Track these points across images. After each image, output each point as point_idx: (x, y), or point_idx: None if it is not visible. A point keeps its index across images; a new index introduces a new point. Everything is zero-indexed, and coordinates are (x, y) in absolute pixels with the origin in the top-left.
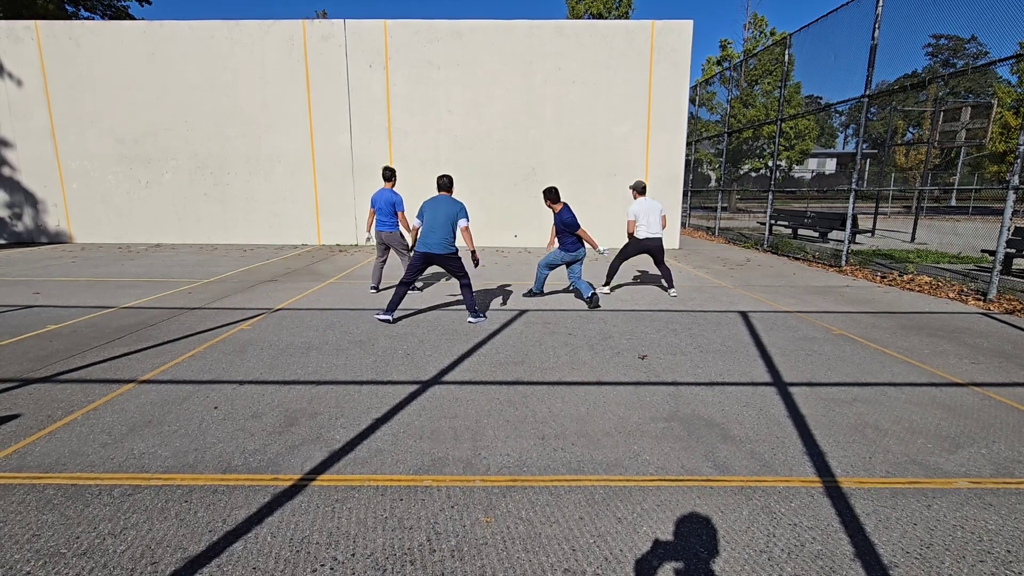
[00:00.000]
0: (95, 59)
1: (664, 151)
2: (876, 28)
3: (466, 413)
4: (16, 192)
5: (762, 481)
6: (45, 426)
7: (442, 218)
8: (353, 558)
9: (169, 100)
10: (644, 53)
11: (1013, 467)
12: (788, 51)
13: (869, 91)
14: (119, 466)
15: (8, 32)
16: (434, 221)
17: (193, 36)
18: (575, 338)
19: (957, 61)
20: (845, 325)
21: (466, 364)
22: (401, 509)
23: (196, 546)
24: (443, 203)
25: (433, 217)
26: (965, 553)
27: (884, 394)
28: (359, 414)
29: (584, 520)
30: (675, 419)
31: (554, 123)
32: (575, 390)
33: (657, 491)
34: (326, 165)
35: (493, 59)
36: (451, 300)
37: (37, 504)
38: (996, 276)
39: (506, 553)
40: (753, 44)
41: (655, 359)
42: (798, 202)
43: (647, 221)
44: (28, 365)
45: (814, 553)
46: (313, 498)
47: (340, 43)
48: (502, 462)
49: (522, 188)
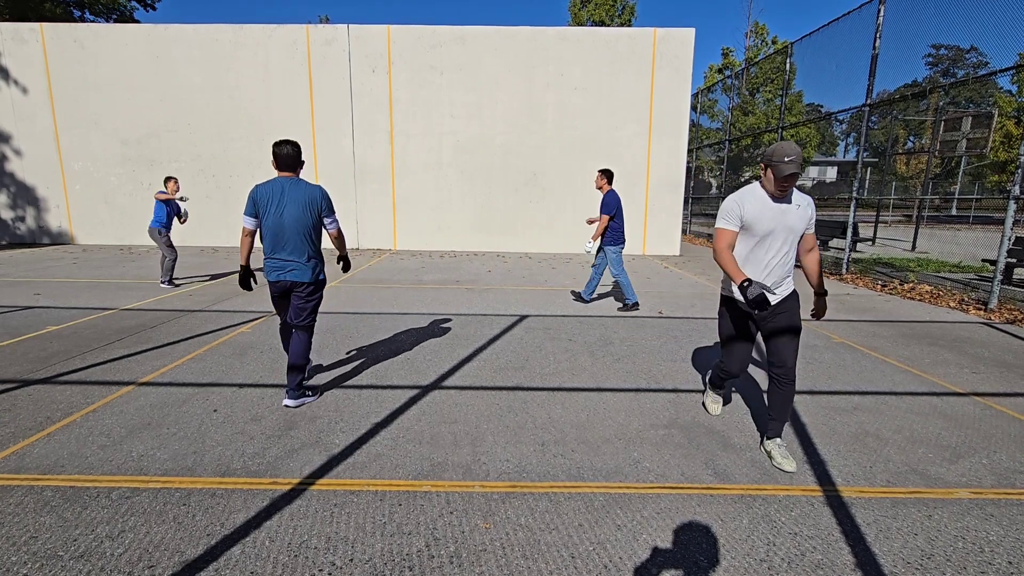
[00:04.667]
0: (99, 61)
1: (666, 158)
2: (877, 38)
3: (466, 418)
4: (19, 193)
5: (762, 489)
6: (44, 428)
7: (293, 218)
8: (351, 563)
9: (172, 102)
10: (646, 60)
11: (1014, 477)
12: (789, 60)
13: (870, 100)
14: (117, 468)
15: (13, 34)
16: (279, 224)
17: (197, 39)
18: (575, 344)
19: (958, 71)
20: (846, 333)
21: (466, 369)
22: (400, 514)
23: (194, 550)
24: (291, 192)
25: (278, 218)
26: (966, 564)
27: (885, 403)
28: (358, 418)
29: (584, 527)
30: (675, 426)
31: (556, 128)
32: (575, 396)
33: (657, 499)
34: (328, 168)
35: (496, 64)
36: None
37: (35, 506)
38: (997, 286)
39: (505, 560)
40: (755, 52)
41: (655, 367)
42: None
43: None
44: (28, 366)
45: (814, 563)
46: (312, 502)
47: (343, 47)
48: (502, 468)
49: (523, 193)
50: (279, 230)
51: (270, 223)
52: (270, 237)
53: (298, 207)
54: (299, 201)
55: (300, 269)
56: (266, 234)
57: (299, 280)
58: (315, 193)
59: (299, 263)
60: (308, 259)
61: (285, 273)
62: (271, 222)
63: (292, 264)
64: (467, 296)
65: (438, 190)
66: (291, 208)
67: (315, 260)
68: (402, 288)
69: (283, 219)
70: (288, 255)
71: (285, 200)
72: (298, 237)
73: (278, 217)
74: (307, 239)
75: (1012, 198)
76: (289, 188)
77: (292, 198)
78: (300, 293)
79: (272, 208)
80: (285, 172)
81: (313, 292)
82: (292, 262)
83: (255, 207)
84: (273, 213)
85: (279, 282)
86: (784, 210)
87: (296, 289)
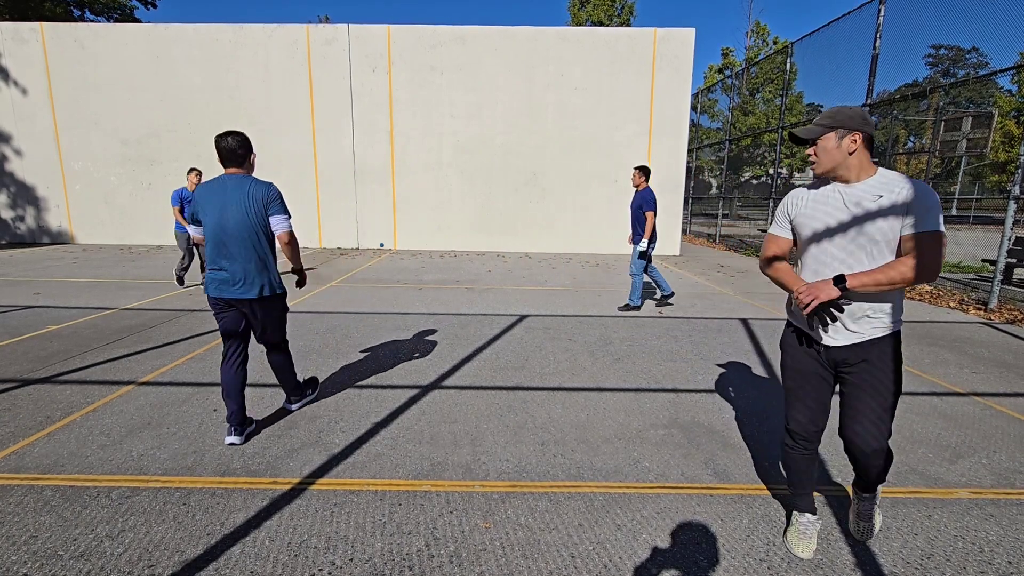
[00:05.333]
0: (100, 61)
1: (666, 157)
2: (877, 38)
3: (466, 418)
4: (19, 193)
5: (762, 489)
6: (44, 427)
7: (235, 221)
8: (351, 563)
9: (172, 102)
10: (646, 60)
11: (1014, 477)
12: (790, 59)
13: (870, 100)
14: (117, 468)
15: (14, 34)
16: (220, 229)
17: (197, 39)
18: (575, 344)
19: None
20: None
21: (466, 369)
22: (400, 514)
23: (194, 549)
24: (234, 191)
25: (220, 223)
26: (966, 564)
27: None
28: (359, 418)
29: (583, 527)
30: (675, 426)
31: (556, 128)
32: (575, 396)
33: (657, 498)
34: (328, 168)
35: (496, 64)
36: (454, 307)
37: (35, 505)
38: (997, 286)
39: (505, 559)
40: (755, 52)
41: (655, 366)
42: None
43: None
44: (28, 366)
45: (814, 562)
46: (312, 502)
47: (344, 47)
48: (501, 468)
49: (523, 193)
50: (220, 235)
51: (210, 228)
52: (210, 244)
53: (241, 208)
54: (242, 201)
55: (244, 283)
56: (207, 241)
57: (243, 297)
58: (260, 190)
59: (243, 276)
60: (255, 270)
61: (227, 288)
62: (211, 226)
63: (235, 276)
64: (467, 296)
65: (438, 190)
66: (234, 210)
67: (264, 271)
68: (402, 288)
69: (224, 222)
70: (230, 265)
71: (228, 200)
72: (242, 244)
73: (219, 220)
74: (253, 246)
75: (1012, 198)
76: (233, 187)
77: (235, 198)
78: (252, 311)
79: (213, 210)
80: (231, 168)
81: (269, 308)
82: (235, 274)
83: (196, 211)
84: (213, 216)
85: (219, 299)
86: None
87: (243, 307)
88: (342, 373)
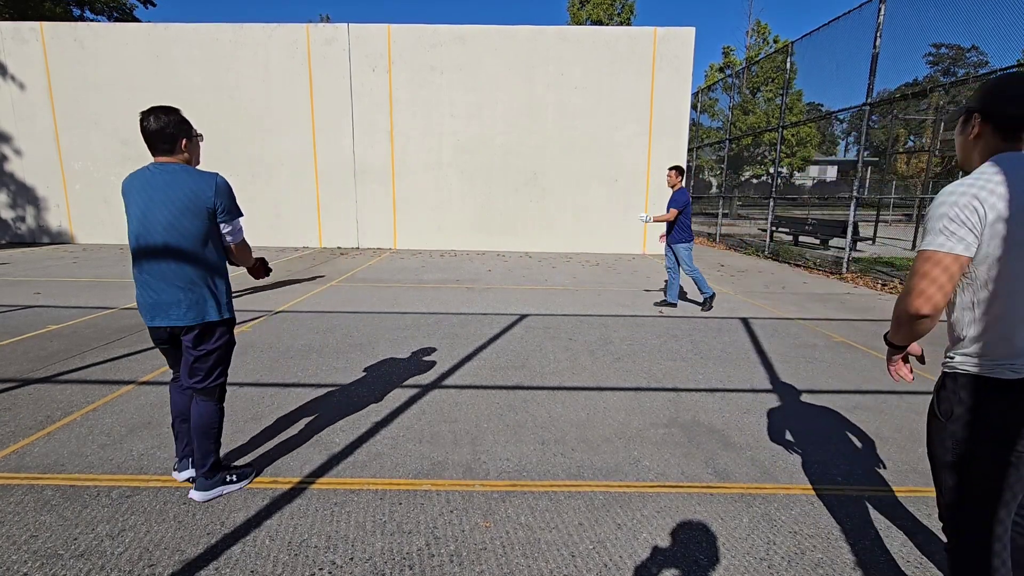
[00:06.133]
0: (99, 61)
1: (666, 157)
2: (877, 37)
3: (466, 417)
4: (19, 192)
5: (762, 488)
6: (44, 427)
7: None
8: (351, 562)
9: (172, 102)
10: (646, 59)
11: None
12: (790, 59)
13: (871, 99)
14: (118, 467)
15: (14, 33)
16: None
17: (197, 38)
18: (575, 343)
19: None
20: (846, 333)
21: (466, 368)
22: (400, 513)
23: (194, 549)
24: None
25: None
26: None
27: (885, 402)
28: (359, 417)
29: (584, 526)
30: (675, 425)
31: (556, 128)
32: (575, 395)
33: (657, 497)
34: (328, 168)
35: (496, 64)
36: (458, 309)
37: (35, 505)
38: None
39: (505, 559)
40: (755, 51)
41: (655, 366)
42: (799, 209)
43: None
44: (28, 365)
45: (815, 561)
46: (312, 501)
47: (344, 47)
48: (502, 467)
49: (523, 193)
50: (145, 245)
51: (133, 235)
52: (134, 255)
53: (172, 208)
54: (174, 199)
55: (178, 306)
56: (131, 249)
57: (176, 324)
58: (202, 186)
59: (176, 296)
60: (191, 289)
61: (157, 314)
62: (134, 233)
63: (164, 297)
64: (467, 295)
65: (438, 190)
66: (161, 210)
67: (205, 290)
68: (402, 287)
69: (149, 228)
70: (158, 283)
71: (153, 199)
72: (173, 255)
73: (142, 225)
74: (189, 259)
75: None
76: (161, 182)
77: (164, 196)
78: (188, 340)
79: (135, 211)
80: (160, 156)
81: (208, 339)
82: (165, 294)
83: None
84: (135, 219)
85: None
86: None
87: (181, 334)
88: (342, 373)
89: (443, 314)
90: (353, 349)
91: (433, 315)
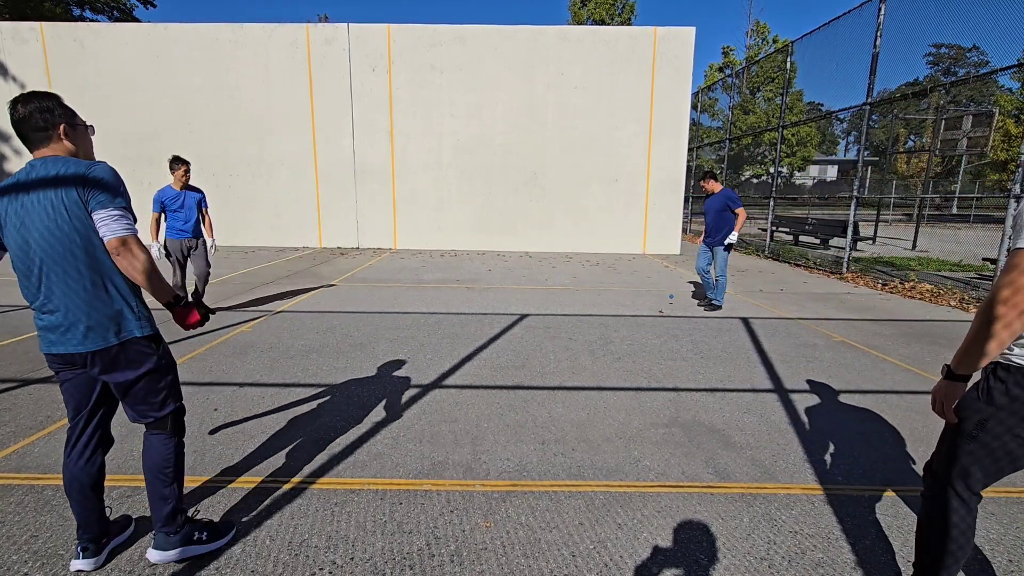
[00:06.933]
0: (99, 61)
1: (666, 157)
2: (878, 36)
3: (466, 417)
4: None
5: (763, 488)
6: (44, 427)
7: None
8: (352, 562)
9: (172, 102)
10: (647, 59)
11: (1014, 476)
12: (790, 58)
13: (871, 99)
14: (118, 467)
15: (13, 33)
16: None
17: (197, 38)
18: (576, 343)
19: (959, 69)
20: (846, 332)
21: (467, 368)
22: (400, 513)
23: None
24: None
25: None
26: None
27: (885, 401)
28: (359, 417)
29: (584, 526)
30: (676, 425)
31: (556, 128)
32: (575, 395)
33: (657, 497)
34: (328, 168)
35: (496, 63)
36: (456, 307)
37: (35, 505)
38: None
39: (505, 558)
40: (755, 51)
41: (655, 366)
42: (799, 209)
43: None
44: (28, 365)
45: (815, 561)
46: (312, 501)
47: (343, 47)
48: (502, 467)
49: (523, 193)
50: (27, 257)
51: (13, 247)
52: (18, 272)
53: (48, 209)
54: (49, 199)
55: (73, 328)
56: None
57: (78, 351)
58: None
59: (71, 317)
60: (88, 305)
61: (55, 339)
62: (14, 245)
63: (57, 319)
64: (467, 295)
65: (438, 190)
66: (38, 214)
67: (108, 304)
68: (402, 287)
69: (27, 236)
70: (49, 302)
71: (29, 201)
72: (60, 265)
73: (20, 234)
74: (80, 267)
75: (1013, 197)
76: (35, 179)
77: (38, 196)
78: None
79: (12, 219)
80: (39, 150)
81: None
82: (58, 315)
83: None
84: (13, 228)
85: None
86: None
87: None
88: (342, 373)
89: (443, 314)
90: (353, 349)
91: (433, 315)
